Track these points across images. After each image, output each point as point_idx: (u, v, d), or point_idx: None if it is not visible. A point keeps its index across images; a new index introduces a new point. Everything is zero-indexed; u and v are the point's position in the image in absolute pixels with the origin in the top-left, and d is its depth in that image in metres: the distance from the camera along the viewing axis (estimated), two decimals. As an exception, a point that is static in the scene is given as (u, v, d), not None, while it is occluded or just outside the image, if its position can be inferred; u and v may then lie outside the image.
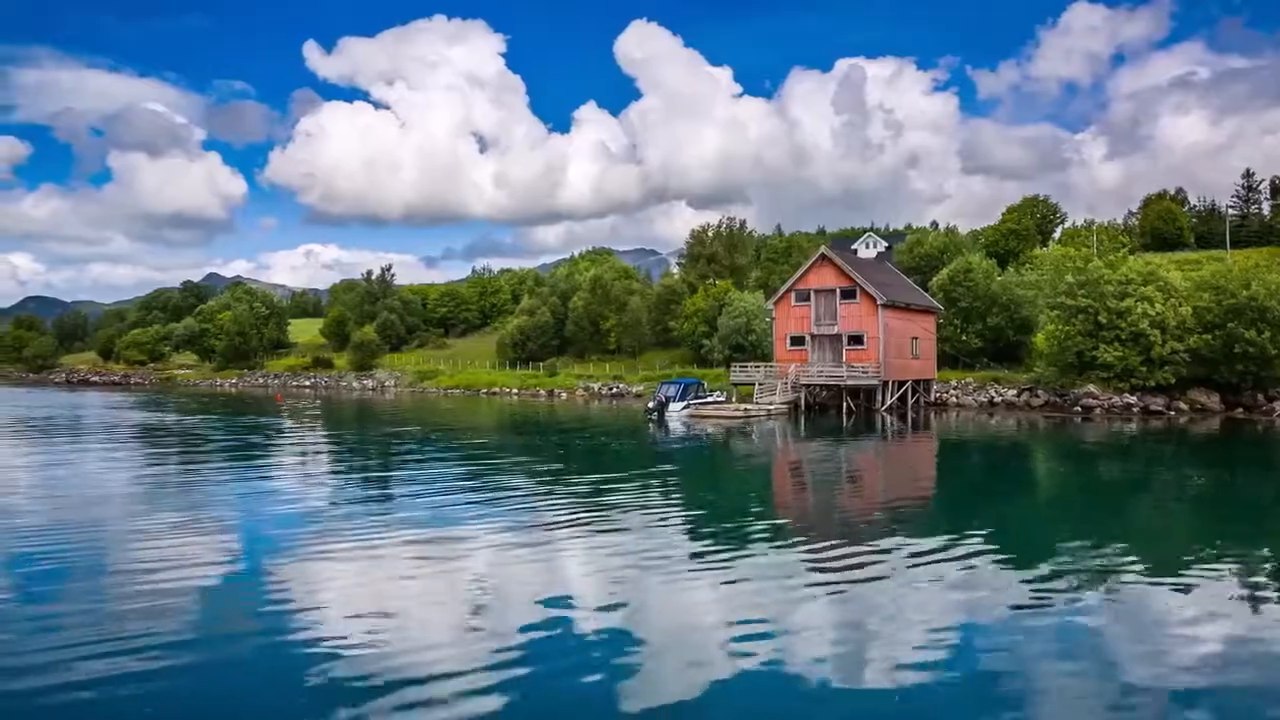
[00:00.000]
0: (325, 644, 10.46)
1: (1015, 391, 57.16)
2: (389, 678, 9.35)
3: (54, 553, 15.27)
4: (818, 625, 11.35)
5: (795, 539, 17.02)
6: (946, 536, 16.66)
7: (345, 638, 10.69)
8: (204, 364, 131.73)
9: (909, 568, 14.28)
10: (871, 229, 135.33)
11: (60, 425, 46.97)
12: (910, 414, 53.32)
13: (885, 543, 16.15)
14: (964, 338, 64.55)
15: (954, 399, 59.47)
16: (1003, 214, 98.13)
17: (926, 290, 65.57)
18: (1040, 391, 55.42)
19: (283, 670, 9.66)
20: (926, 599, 12.50)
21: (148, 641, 10.47)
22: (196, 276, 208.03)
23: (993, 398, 57.84)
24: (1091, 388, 51.10)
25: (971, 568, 14.26)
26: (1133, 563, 14.88)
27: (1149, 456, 32.82)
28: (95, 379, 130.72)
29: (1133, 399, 49.82)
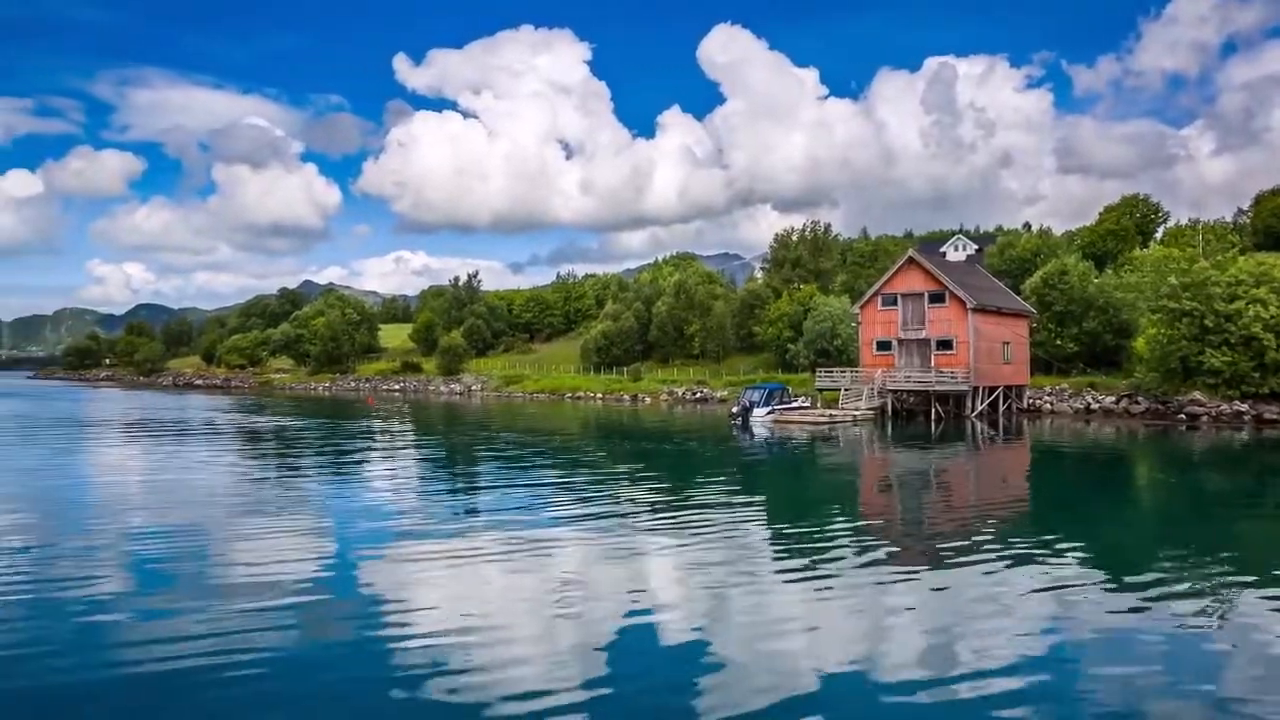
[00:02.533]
0: (414, 644, 10.69)
1: (1114, 398, 55.02)
2: (475, 678, 9.51)
3: (163, 549, 15.97)
4: (905, 636, 11.12)
5: (882, 547, 16.71)
6: (1040, 548, 16.15)
7: (433, 639, 10.90)
8: (299, 368, 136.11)
9: (1000, 578, 13.88)
10: (961, 231, 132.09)
11: (169, 427, 49.14)
12: (1001, 420, 51.87)
13: (976, 552, 15.74)
14: (1058, 342, 62.43)
15: (1048, 405, 57.59)
16: (1100, 214, 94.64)
17: (1018, 294, 63.68)
18: (1141, 398, 53.22)
19: (372, 668, 9.90)
20: (1018, 611, 12.13)
21: (246, 636, 10.86)
22: (293, 283, 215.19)
23: (1089, 404, 55.81)
24: (1197, 394, 48.88)
25: (1067, 581, 13.79)
26: (1242, 579, 14.18)
27: (1263, 468, 31.24)
28: (199, 382, 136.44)
29: (1244, 406, 47.45)
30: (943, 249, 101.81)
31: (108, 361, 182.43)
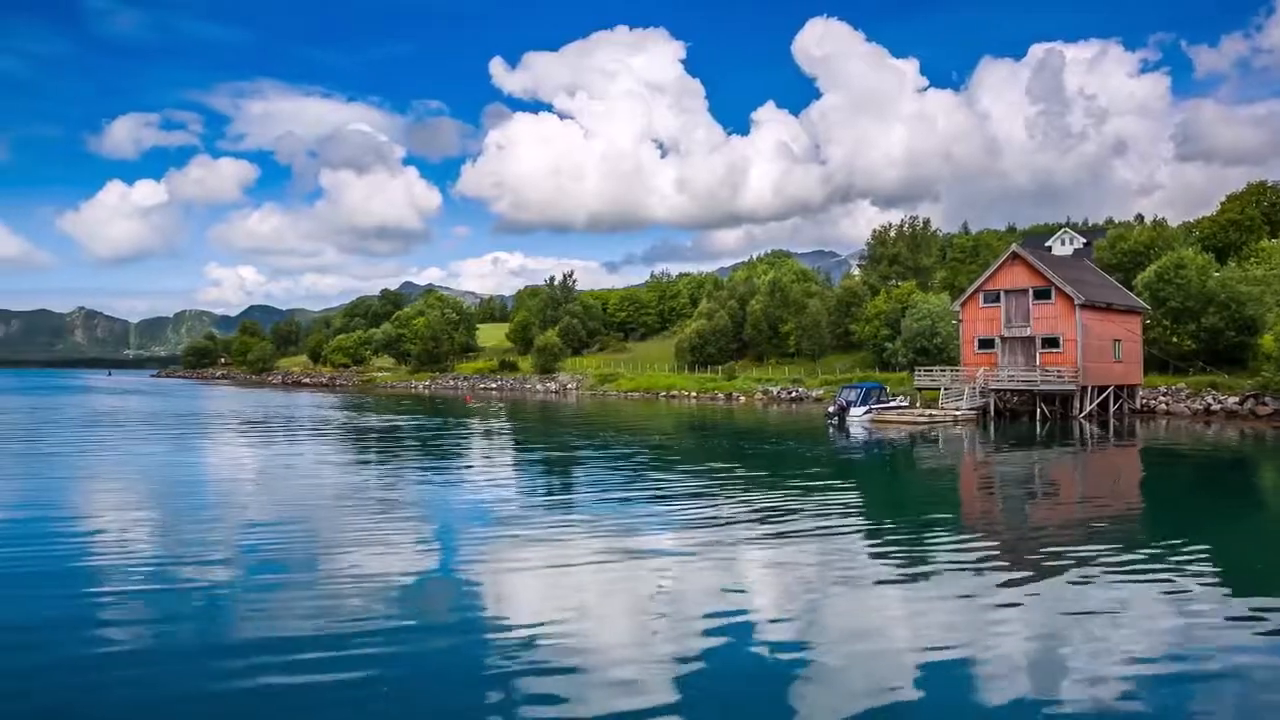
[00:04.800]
0: (509, 641, 10.81)
1: (1237, 399, 52.10)
2: (569, 677, 9.55)
3: (270, 541, 16.58)
4: (1008, 645, 10.69)
5: (985, 553, 16.15)
6: (1156, 556, 15.38)
7: (529, 637, 11.00)
8: (400, 367, 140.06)
9: (1112, 588, 13.25)
10: (1068, 224, 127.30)
11: (279, 423, 51.16)
12: (1112, 421, 49.75)
13: (1085, 560, 15.07)
14: (1174, 340, 59.48)
15: (1163, 406, 54.97)
16: (1222, 203, 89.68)
17: (1130, 289, 60.93)
18: (1269, 399, 50.24)
19: (464, 665, 10.04)
20: (1130, 623, 11.56)
21: (346, 630, 11.16)
22: (394, 285, 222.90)
23: (1209, 405, 53.03)
24: (1329, 395, 45.93)
25: (1185, 592, 13.07)
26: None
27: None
28: (306, 380, 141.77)
29: (1381, 408, 44.40)
30: (1048, 243, 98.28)
31: (223, 361, 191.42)
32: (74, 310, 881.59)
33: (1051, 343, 51.60)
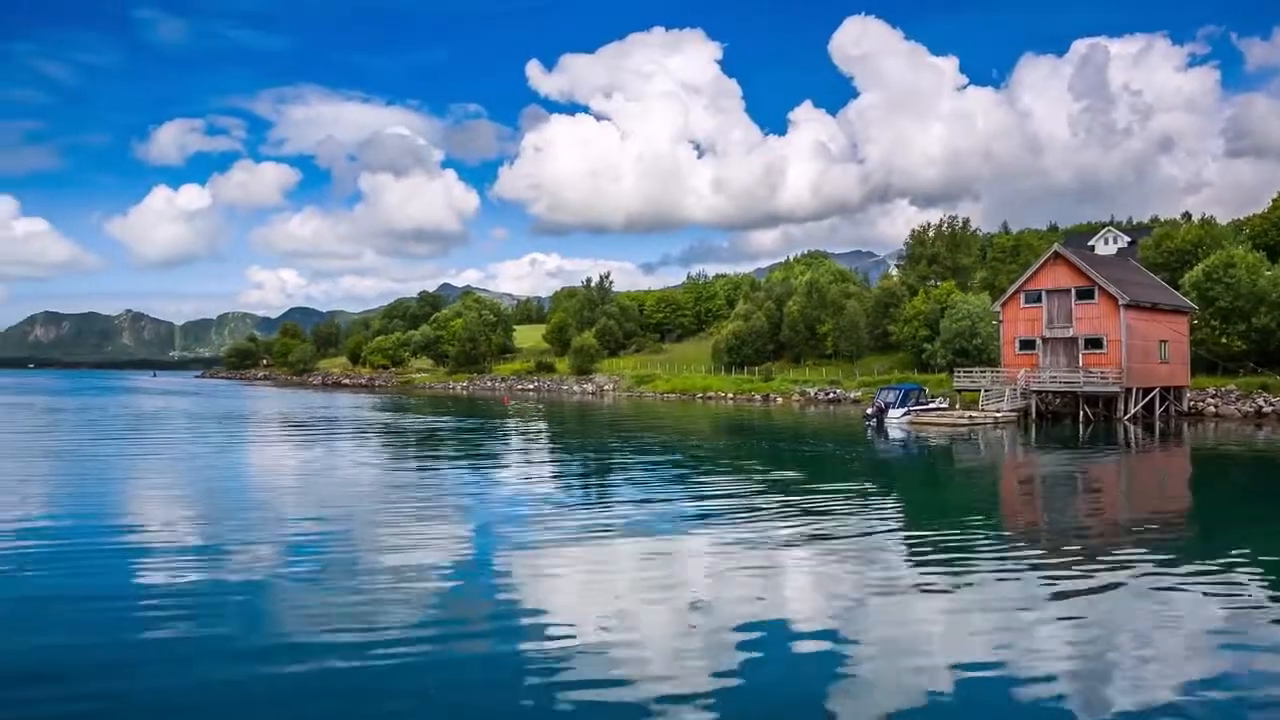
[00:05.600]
0: (546, 643, 10.81)
1: (1288, 400, 50.87)
2: (604, 677, 9.53)
3: (314, 539, 16.75)
4: (1053, 658, 10.46)
5: (1028, 559, 15.87)
6: (1203, 564, 15.02)
7: (565, 638, 11.00)
8: (438, 368, 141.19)
9: (1160, 597, 12.94)
10: (1111, 223, 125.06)
11: (320, 423, 51.79)
12: (1158, 424, 48.78)
13: (1131, 565, 14.75)
14: (1223, 340, 58.18)
15: (1212, 408, 53.80)
16: (1273, 200, 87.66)
17: (1176, 289, 59.72)
18: (1319, 400, 49.03)
19: (504, 664, 10.05)
20: (1181, 630, 11.29)
21: (385, 630, 11.23)
22: (432, 287, 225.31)
23: (1260, 407, 51.81)
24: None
25: (1238, 599, 12.75)
26: None
27: None
28: (346, 381, 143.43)
29: None
30: (1091, 242, 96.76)
31: (264, 362, 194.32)
32: (122, 313, 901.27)
33: (1095, 343, 50.73)
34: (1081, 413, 49.93)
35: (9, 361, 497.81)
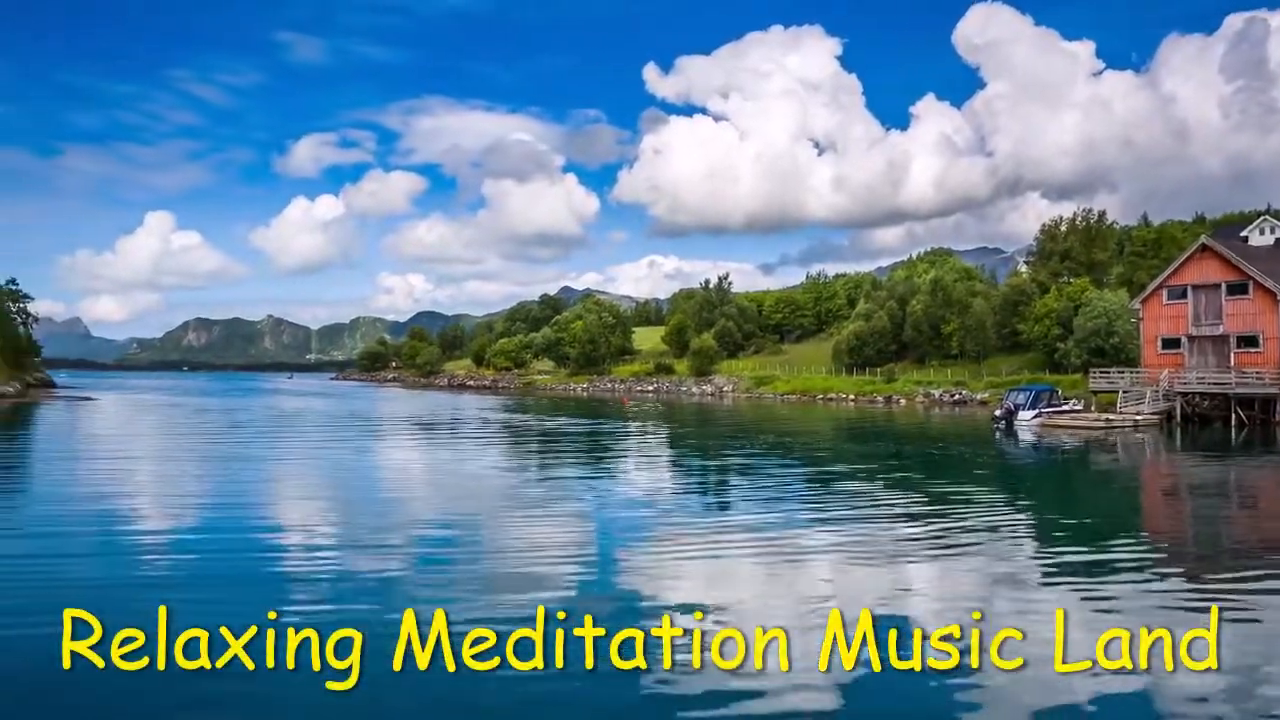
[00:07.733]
0: (662, 640, 10.91)
1: None
2: (720, 683, 9.57)
3: (441, 533, 17.40)
4: (1194, 681, 9.91)
5: (1169, 571, 15.06)
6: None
7: (682, 635, 11.05)
8: (559, 370, 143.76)
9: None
10: (1268, 212, 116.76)
11: (448, 424, 53.58)
12: (1322, 428, 45.37)
13: (1292, 582, 13.82)
14: (1396, 337, 53.68)
15: (1383, 411, 49.64)
16: None
17: (1343, 281, 55.41)
18: None
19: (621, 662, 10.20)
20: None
21: (509, 620, 11.56)
22: (553, 289, 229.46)
23: None
24: None
25: None
26: None
27: None
28: (470, 383, 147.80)
29: None
30: (1244, 233, 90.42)
31: (394, 364, 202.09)
32: (264, 318, 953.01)
33: (1249, 341, 47.67)
34: (1233, 415, 46.93)
35: (168, 364, 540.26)
